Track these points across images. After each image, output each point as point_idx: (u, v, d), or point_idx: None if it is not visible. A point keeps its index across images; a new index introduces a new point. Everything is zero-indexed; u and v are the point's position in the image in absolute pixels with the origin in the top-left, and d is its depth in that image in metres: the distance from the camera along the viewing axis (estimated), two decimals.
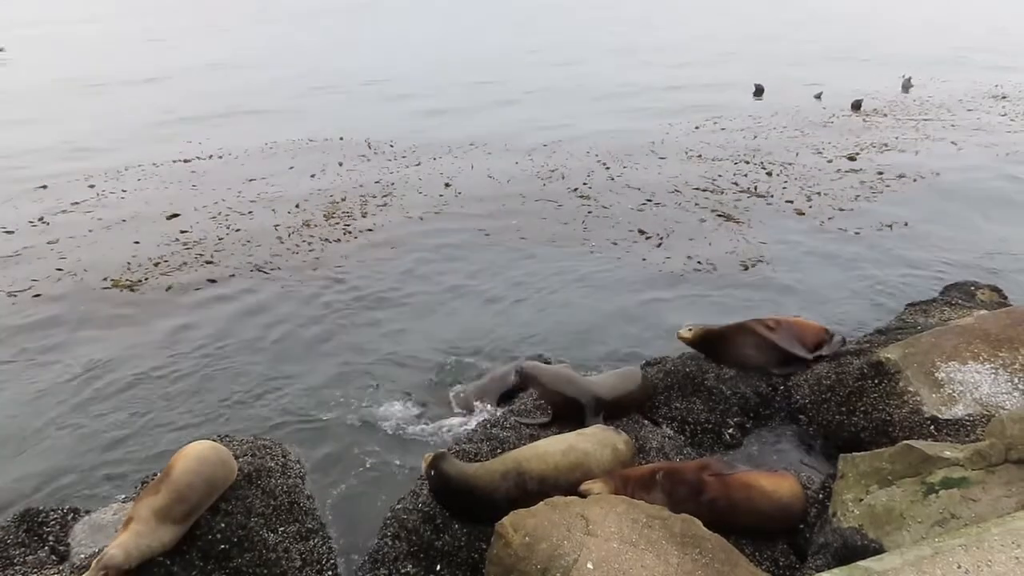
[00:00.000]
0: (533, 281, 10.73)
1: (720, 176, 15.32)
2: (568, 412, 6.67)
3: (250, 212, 13.18)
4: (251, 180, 15.31)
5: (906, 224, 12.57)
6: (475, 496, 5.33)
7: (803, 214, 13.10)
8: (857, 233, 12.30)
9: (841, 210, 13.29)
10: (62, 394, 7.96)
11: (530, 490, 5.22)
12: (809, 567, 4.97)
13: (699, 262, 11.25)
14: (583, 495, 4.97)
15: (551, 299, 10.20)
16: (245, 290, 10.32)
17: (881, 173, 15.34)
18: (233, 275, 10.68)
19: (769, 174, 15.34)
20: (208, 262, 10.94)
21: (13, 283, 10.32)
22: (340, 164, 16.55)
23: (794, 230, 12.48)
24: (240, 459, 5.97)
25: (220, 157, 17.21)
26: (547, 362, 7.84)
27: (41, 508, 5.85)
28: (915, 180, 14.97)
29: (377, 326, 9.48)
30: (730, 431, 6.86)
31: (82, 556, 5.25)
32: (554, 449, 5.61)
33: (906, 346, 6.89)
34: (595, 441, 5.76)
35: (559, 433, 6.08)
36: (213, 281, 10.49)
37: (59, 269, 10.65)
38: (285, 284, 10.53)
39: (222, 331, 9.26)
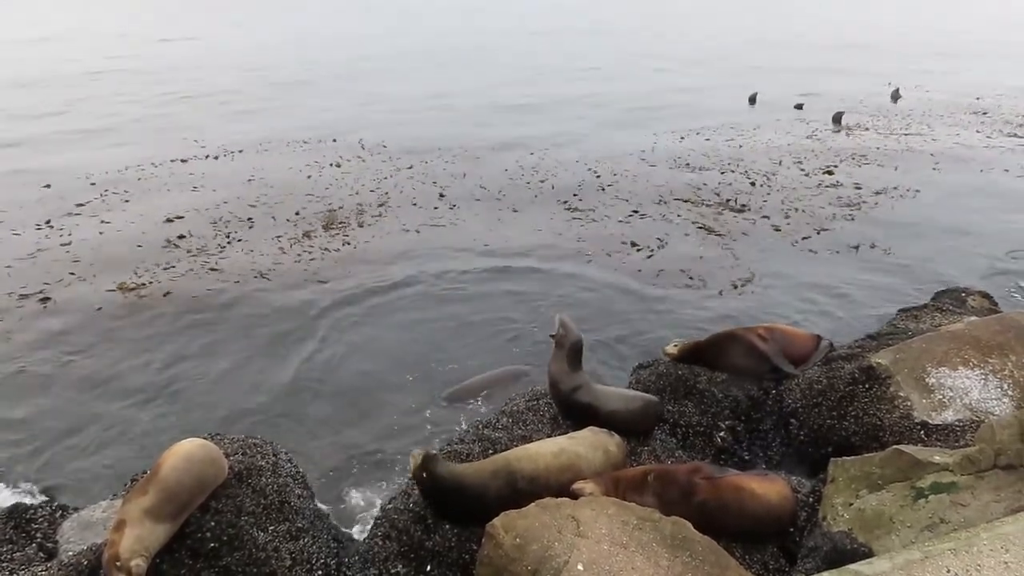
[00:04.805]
0: (532, 291, 10.74)
1: (704, 185, 15.36)
2: (570, 416, 6.62)
3: (250, 219, 13.14)
4: (250, 180, 15.31)
5: (892, 231, 12.62)
6: (466, 496, 5.32)
7: (780, 230, 13.13)
8: (837, 243, 12.34)
9: (822, 228, 13.26)
10: (55, 392, 7.93)
11: (520, 489, 5.21)
12: (799, 570, 4.98)
13: (684, 271, 11.37)
14: (574, 495, 4.97)
15: (553, 305, 10.17)
16: (246, 295, 10.30)
17: (871, 190, 15.38)
18: (237, 281, 10.69)
19: (753, 184, 15.38)
20: (213, 269, 10.97)
21: (27, 285, 10.38)
22: (338, 166, 16.54)
23: (779, 240, 12.51)
24: (230, 458, 5.93)
25: (216, 158, 17.20)
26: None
27: (29, 505, 5.83)
28: (895, 188, 15.06)
29: (376, 329, 9.46)
30: (721, 434, 6.87)
31: (70, 553, 5.22)
32: (545, 451, 5.61)
33: (897, 351, 6.91)
34: (587, 444, 5.75)
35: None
36: (215, 287, 10.48)
37: (72, 273, 10.77)
38: (286, 292, 10.50)
39: (217, 334, 9.24)
